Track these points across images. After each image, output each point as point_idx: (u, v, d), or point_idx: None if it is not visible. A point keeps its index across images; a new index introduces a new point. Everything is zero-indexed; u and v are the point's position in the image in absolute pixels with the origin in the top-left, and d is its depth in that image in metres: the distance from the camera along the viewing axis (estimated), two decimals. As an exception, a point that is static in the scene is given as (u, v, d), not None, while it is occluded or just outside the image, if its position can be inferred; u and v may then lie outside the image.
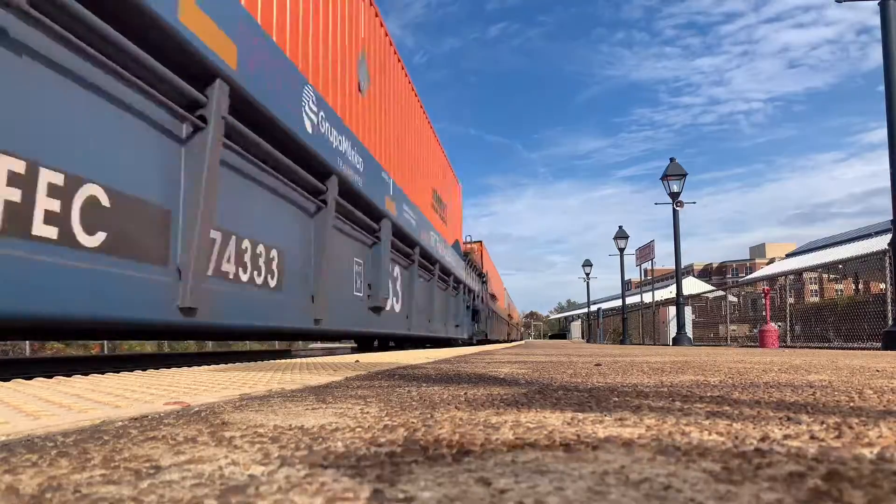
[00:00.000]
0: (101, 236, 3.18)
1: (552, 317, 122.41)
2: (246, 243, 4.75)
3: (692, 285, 30.35)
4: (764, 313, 13.44)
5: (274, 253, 5.28)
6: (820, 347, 11.43)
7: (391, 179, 9.31)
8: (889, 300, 9.77)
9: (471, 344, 18.95)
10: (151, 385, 2.13)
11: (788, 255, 44.76)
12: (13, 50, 2.70)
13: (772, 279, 17.20)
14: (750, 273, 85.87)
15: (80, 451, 0.92)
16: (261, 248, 5.03)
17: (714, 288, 28.40)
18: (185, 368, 3.34)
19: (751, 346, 13.43)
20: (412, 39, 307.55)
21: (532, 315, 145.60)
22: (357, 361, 4.17)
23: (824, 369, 3.13)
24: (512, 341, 39.00)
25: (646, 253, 24.82)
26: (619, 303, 30.24)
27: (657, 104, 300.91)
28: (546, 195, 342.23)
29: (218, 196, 4.15)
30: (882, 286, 10.42)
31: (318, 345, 21.39)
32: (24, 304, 2.73)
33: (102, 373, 3.25)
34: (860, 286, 16.20)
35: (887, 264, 9.60)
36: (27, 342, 15.15)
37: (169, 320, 3.68)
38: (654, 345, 19.73)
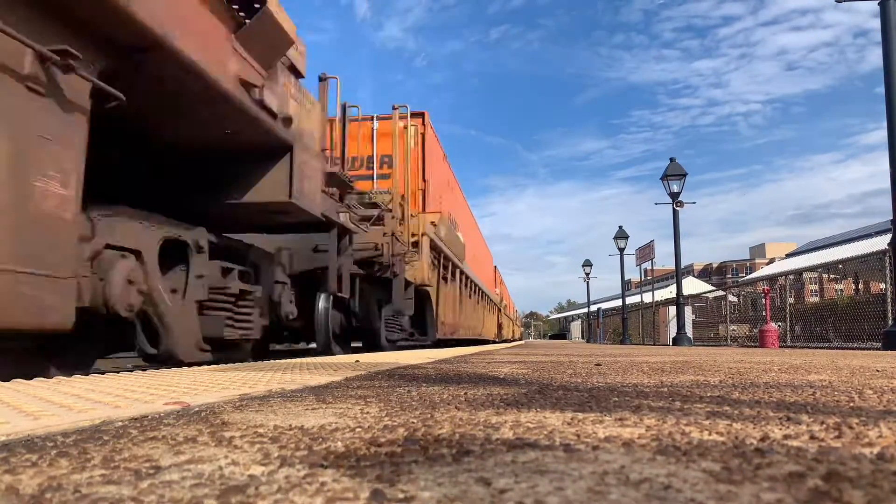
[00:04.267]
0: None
1: (552, 317, 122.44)
2: None
3: (692, 285, 30.36)
4: (764, 313, 13.44)
5: None
6: (820, 347, 11.43)
7: None
8: (889, 300, 9.77)
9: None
10: (151, 385, 2.13)
11: (788, 255, 44.81)
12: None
13: (772, 279, 17.20)
14: (750, 273, 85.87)
15: (80, 451, 0.92)
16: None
17: (714, 288, 28.42)
18: (185, 368, 3.34)
19: (751, 346, 13.43)
20: (413, 42, 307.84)
21: (532, 315, 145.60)
22: (357, 361, 4.17)
23: (824, 369, 3.13)
24: (507, 341, 30.62)
25: (646, 253, 24.82)
26: (619, 303, 30.23)
27: (656, 106, 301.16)
28: (546, 196, 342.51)
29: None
30: (882, 286, 10.42)
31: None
32: None
33: (102, 373, 3.25)
34: (860, 286, 16.19)
35: (887, 264, 9.60)
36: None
37: None
38: (654, 345, 19.73)
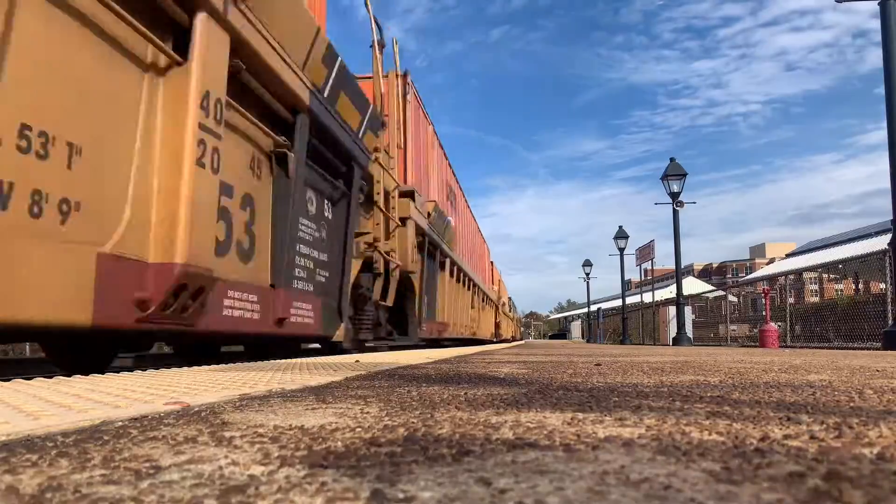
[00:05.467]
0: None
1: (552, 317, 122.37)
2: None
3: (692, 285, 30.35)
4: (764, 313, 13.44)
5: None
6: (820, 347, 11.42)
7: None
8: (889, 300, 9.77)
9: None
10: (151, 385, 2.13)
11: (788, 255, 44.80)
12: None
13: (772, 279, 17.20)
14: (750, 273, 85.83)
15: (80, 451, 0.92)
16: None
17: (714, 288, 28.40)
18: (185, 368, 3.34)
19: (751, 346, 13.42)
20: (414, 43, 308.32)
21: (532, 315, 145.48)
22: (357, 361, 4.17)
23: (824, 369, 3.13)
24: (506, 341, 28.53)
25: (646, 253, 24.82)
26: (619, 303, 30.23)
27: (656, 106, 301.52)
28: (546, 196, 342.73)
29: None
30: (882, 286, 10.42)
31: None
32: None
33: (102, 373, 3.25)
34: (860, 286, 16.19)
35: (887, 264, 9.60)
36: (27, 342, 15.06)
37: None
38: (654, 345, 19.72)
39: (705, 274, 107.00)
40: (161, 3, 3.38)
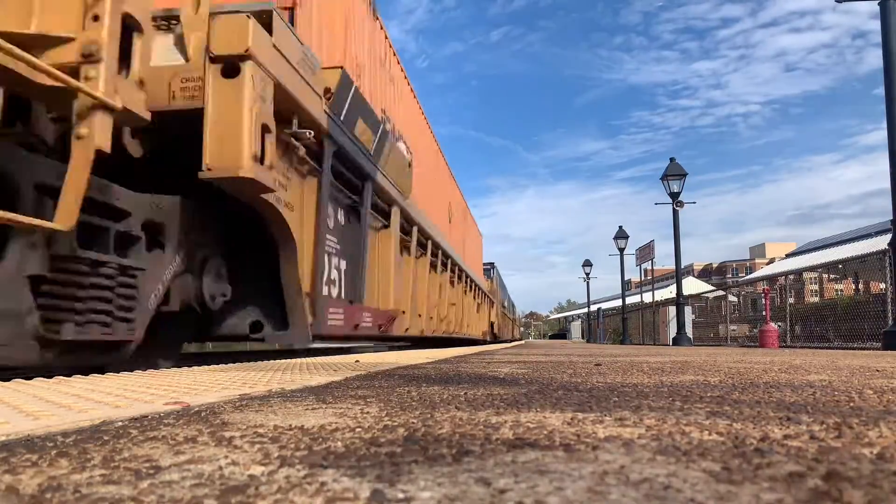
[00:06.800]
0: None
1: (552, 317, 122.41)
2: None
3: (692, 285, 30.34)
4: (764, 313, 13.45)
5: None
6: (820, 347, 11.43)
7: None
8: (889, 300, 9.76)
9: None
10: (151, 385, 2.13)
11: (788, 255, 44.85)
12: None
13: (772, 279, 17.21)
14: (750, 273, 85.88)
15: (80, 451, 0.92)
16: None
17: (714, 288, 28.42)
18: (185, 368, 3.34)
19: (751, 346, 13.43)
20: (414, 44, 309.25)
21: (532, 315, 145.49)
22: (357, 361, 4.17)
23: (824, 369, 3.13)
24: (503, 341, 25.92)
25: (646, 253, 24.83)
26: (619, 303, 30.24)
27: (656, 107, 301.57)
28: (546, 196, 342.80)
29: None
30: (882, 286, 10.42)
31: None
32: None
33: (102, 373, 3.24)
34: (860, 286, 16.20)
35: (887, 264, 9.60)
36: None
37: None
38: (654, 345, 19.72)
39: (705, 274, 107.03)
40: None
